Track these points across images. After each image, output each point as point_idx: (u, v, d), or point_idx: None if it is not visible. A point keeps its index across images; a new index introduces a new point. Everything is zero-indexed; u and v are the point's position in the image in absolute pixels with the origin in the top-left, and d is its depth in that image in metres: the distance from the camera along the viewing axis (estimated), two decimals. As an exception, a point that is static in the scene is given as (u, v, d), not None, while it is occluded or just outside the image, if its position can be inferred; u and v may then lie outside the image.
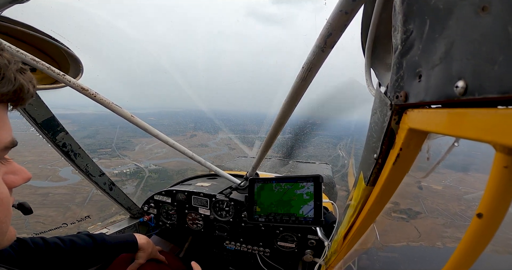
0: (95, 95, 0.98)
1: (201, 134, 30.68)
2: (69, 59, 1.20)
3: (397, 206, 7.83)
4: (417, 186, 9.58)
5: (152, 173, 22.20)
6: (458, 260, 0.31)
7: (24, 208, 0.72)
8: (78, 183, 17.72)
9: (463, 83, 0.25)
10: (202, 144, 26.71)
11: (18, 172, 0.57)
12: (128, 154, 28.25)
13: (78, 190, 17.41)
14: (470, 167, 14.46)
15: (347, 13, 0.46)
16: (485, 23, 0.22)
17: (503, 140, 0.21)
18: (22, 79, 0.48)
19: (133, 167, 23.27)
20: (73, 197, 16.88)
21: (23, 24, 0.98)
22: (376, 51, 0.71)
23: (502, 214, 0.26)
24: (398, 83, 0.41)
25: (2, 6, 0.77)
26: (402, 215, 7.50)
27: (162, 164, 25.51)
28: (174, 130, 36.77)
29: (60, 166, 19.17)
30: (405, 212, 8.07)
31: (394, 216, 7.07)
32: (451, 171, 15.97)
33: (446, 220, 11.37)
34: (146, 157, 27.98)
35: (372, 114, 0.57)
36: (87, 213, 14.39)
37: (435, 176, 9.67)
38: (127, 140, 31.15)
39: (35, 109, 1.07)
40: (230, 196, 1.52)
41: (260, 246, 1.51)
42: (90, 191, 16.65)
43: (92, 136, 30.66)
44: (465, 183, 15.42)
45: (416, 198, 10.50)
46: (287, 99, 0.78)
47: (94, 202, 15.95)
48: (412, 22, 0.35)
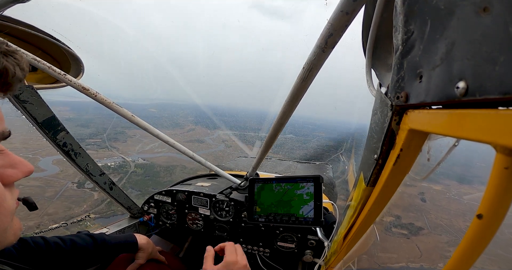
0: (95, 95, 0.98)
1: (199, 128, 29.92)
2: (70, 58, 1.21)
3: (399, 220, 7.39)
4: (420, 198, 9.05)
5: (138, 168, 20.47)
6: (458, 261, 0.31)
7: (28, 204, 0.67)
8: (54, 175, 16.21)
9: (464, 84, 0.25)
10: (199, 139, 25.77)
11: (17, 165, 0.52)
12: (119, 146, 26.57)
13: (51, 183, 15.78)
14: (476, 180, 13.76)
15: (348, 14, 0.46)
16: (486, 23, 0.22)
17: (504, 141, 0.21)
18: (6, 61, 0.44)
19: (119, 161, 21.54)
20: (44, 191, 15.08)
21: (24, 24, 0.99)
22: (377, 52, 0.71)
23: (502, 215, 0.26)
24: (398, 84, 0.41)
25: (4, 5, 0.77)
26: (403, 230, 6.99)
27: (151, 158, 23.97)
28: (172, 122, 35.68)
29: (42, 155, 17.80)
30: (407, 227, 7.52)
31: (394, 232, 6.68)
32: (456, 183, 15.14)
33: (450, 237, 10.50)
34: (137, 150, 26.44)
35: (373, 115, 0.57)
36: (53, 209, 13.08)
37: (439, 188, 9.13)
38: (121, 131, 29.67)
39: (36, 108, 1.07)
40: (230, 196, 1.52)
41: (260, 246, 1.51)
42: (64, 184, 15.30)
43: (85, 125, 29.32)
44: (474, 198, 14.44)
45: (419, 211, 9.73)
46: (288, 100, 0.78)
47: (65, 198, 14.58)
48: (413, 23, 0.35)
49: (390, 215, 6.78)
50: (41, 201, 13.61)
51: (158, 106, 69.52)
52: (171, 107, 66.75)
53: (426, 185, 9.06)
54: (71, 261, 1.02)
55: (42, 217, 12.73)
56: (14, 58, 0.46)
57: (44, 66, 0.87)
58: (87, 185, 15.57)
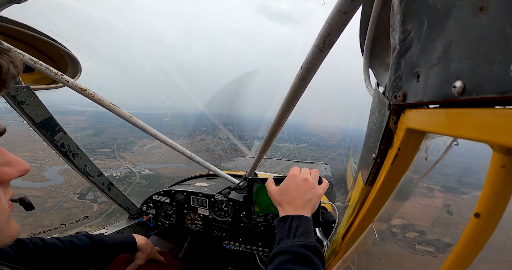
0: (93, 95, 0.98)
1: (210, 138, 29.62)
2: (67, 59, 1.20)
3: (423, 236, 6.73)
4: (446, 211, 8.40)
5: (143, 179, 20.07)
6: (456, 260, 0.31)
7: (24, 204, 0.67)
8: (57, 185, 16.02)
9: (461, 83, 0.25)
10: (208, 149, 25.59)
11: (13, 164, 0.52)
12: (127, 156, 26.29)
13: (53, 193, 15.65)
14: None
15: (345, 13, 0.46)
16: (483, 23, 0.22)
17: (501, 140, 0.21)
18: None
19: (125, 171, 21.25)
20: (44, 201, 14.99)
21: (21, 24, 0.98)
22: (374, 51, 0.71)
23: (500, 213, 0.26)
24: (396, 83, 0.41)
25: (0, 6, 0.76)
26: (429, 247, 6.31)
27: (158, 169, 23.74)
28: (185, 132, 35.46)
29: (50, 164, 17.58)
30: (433, 243, 6.81)
31: (419, 249, 6.11)
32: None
33: (481, 254, 10.26)
34: (144, 160, 26.33)
35: (371, 114, 0.57)
36: (49, 221, 12.72)
37: (467, 199, 8.50)
38: (131, 140, 29.40)
39: (33, 109, 1.07)
40: (229, 196, 1.52)
41: (259, 246, 1.51)
42: (66, 195, 15.12)
43: (97, 134, 28.93)
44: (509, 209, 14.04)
45: (446, 226, 8.80)
46: (286, 99, 0.78)
47: (64, 209, 14.35)
48: (410, 22, 0.35)
49: (413, 231, 6.40)
50: (38, 213, 13.23)
51: (171, 115, 68.80)
52: (184, 116, 66.07)
53: (452, 196, 8.57)
54: (70, 262, 1.01)
55: (36, 228, 12.61)
56: (7, 55, 0.46)
57: (41, 66, 0.86)
58: (89, 196, 15.24)
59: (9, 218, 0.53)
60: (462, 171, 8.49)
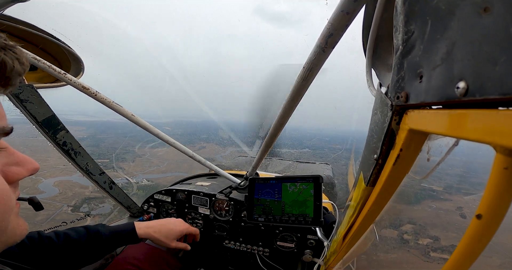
0: (95, 94, 0.98)
1: (211, 146, 29.10)
2: (70, 57, 1.21)
3: (437, 242, 6.26)
4: (459, 214, 7.83)
5: (140, 190, 19.44)
6: (457, 261, 0.31)
7: (34, 204, 0.66)
8: (52, 198, 15.71)
9: (464, 84, 0.25)
10: (209, 157, 25.34)
11: (22, 163, 0.51)
12: (126, 166, 25.95)
13: (46, 206, 14.92)
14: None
15: (348, 14, 0.46)
16: (486, 24, 0.22)
17: (504, 142, 0.21)
18: (4, 55, 0.43)
19: (123, 182, 20.74)
20: (36, 214, 15.17)
21: (24, 23, 0.99)
22: (377, 52, 0.70)
23: (502, 215, 0.26)
24: (399, 84, 0.41)
25: (4, 5, 0.77)
26: (444, 254, 5.79)
27: (157, 179, 22.96)
28: (185, 140, 35.03)
29: (46, 176, 17.47)
30: (448, 250, 6.17)
31: (434, 257, 5.68)
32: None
33: (503, 259, 8.31)
34: (143, 170, 25.75)
35: (373, 115, 0.57)
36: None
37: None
38: (130, 150, 29.20)
39: (36, 108, 1.07)
40: (230, 195, 1.52)
41: (260, 246, 1.51)
42: (59, 208, 14.67)
43: (95, 145, 28.70)
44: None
45: (461, 230, 8.06)
46: (288, 99, 0.78)
47: (56, 222, 14.34)
48: (414, 23, 0.35)
49: (426, 237, 6.08)
50: (29, 226, 13.77)
51: (171, 124, 68.05)
52: (185, 124, 65.47)
53: (463, 197, 8.15)
54: (64, 257, 0.97)
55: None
56: (13, 52, 0.45)
57: (44, 65, 0.87)
58: (83, 208, 14.93)
59: (18, 216, 0.53)
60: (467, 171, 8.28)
